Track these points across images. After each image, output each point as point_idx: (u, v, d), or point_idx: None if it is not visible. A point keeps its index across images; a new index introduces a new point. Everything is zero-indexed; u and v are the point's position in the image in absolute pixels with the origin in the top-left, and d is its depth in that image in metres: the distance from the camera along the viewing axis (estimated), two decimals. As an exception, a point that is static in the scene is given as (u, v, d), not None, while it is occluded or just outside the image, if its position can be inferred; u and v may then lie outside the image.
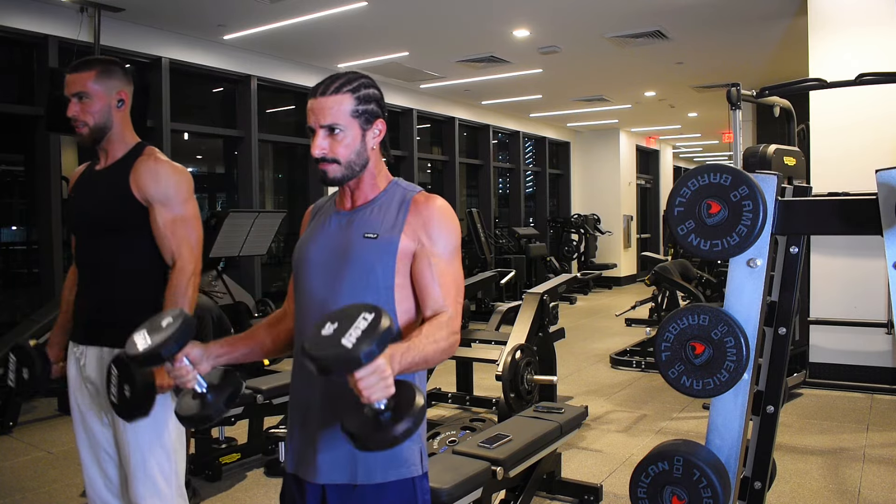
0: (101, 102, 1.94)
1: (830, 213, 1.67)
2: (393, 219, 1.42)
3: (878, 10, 5.14)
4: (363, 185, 1.47)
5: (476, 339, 4.76)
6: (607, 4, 5.74)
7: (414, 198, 1.45)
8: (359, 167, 1.43)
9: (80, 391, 2.00)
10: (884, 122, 5.07)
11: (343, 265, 1.41)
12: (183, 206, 1.97)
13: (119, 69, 2.00)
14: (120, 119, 1.99)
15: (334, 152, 1.40)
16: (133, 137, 2.04)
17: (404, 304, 1.42)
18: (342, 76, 1.42)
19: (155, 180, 1.94)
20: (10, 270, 5.98)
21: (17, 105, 5.52)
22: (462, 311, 1.44)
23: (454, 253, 1.44)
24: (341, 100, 1.39)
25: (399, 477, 1.38)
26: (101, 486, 2.00)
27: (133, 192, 1.93)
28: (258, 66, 7.09)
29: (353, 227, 1.44)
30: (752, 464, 1.89)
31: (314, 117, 1.39)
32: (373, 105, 1.43)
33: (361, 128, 1.42)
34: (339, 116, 1.38)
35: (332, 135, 1.39)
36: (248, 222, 5.55)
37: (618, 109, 11.07)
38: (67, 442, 4.20)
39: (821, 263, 5.32)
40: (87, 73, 1.94)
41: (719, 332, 1.59)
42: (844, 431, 4.21)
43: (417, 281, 1.41)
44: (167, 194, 1.94)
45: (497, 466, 2.54)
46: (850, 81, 3.87)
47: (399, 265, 1.40)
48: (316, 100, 1.40)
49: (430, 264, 1.40)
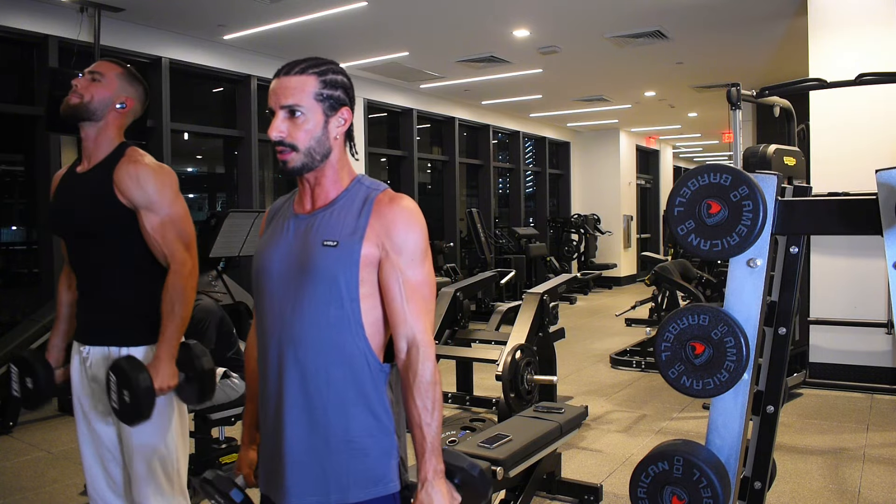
0: (107, 92, 1.94)
1: (830, 213, 1.67)
2: (354, 222, 1.32)
3: (878, 10, 5.14)
4: (325, 180, 1.37)
5: (476, 339, 4.77)
6: (607, 4, 5.74)
7: (377, 198, 1.34)
8: (319, 156, 1.33)
9: (85, 390, 2.00)
10: (884, 122, 5.07)
11: (303, 277, 1.31)
12: (170, 208, 1.93)
13: (141, 86, 2.03)
14: (114, 120, 1.97)
15: (293, 137, 1.31)
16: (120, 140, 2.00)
17: (371, 314, 1.33)
18: (309, 59, 1.35)
19: (137, 185, 1.90)
20: (10, 270, 5.98)
21: (17, 105, 5.52)
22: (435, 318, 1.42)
23: (422, 259, 1.33)
24: (305, 81, 1.31)
25: (376, 495, 1.32)
26: (104, 486, 2.00)
27: (118, 197, 1.91)
28: (258, 66, 7.09)
29: (312, 233, 1.33)
30: (752, 464, 1.89)
31: (274, 98, 1.32)
32: (339, 91, 1.35)
33: (325, 113, 1.33)
34: (302, 98, 1.30)
35: (292, 118, 1.31)
36: (248, 222, 5.54)
37: (618, 109, 11.07)
38: (67, 442, 4.20)
39: (821, 263, 5.32)
40: (115, 66, 1.99)
41: (719, 332, 1.59)
42: (844, 431, 4.21)
43: (384, 293, 1.32)
44: (151, 198, 1.91)
45: (497, 466, 2.54)
46: (850, 81, 3.87)
47: (363, 273, 1.31)
48: (279, 80, 1.33)
49: (398, 279, 1.30)
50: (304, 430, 1.32)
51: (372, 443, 1.33)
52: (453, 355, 4.64)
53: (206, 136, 7.42)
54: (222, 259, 5.70)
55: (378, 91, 8.62)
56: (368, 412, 1.33)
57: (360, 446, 1.32)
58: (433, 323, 1.36)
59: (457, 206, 10.08)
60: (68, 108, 1.92)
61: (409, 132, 9.28)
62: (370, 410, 1.33)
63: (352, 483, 1.31)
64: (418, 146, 9.48)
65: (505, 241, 10.84)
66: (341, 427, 1.31)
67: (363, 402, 1.33)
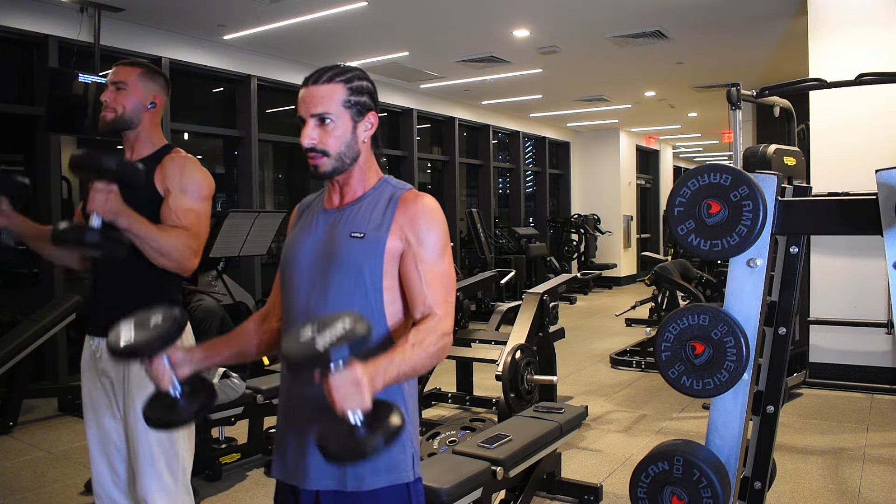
0: (135, 97, 2.00)
1: (830, 213, 1.67)
2: (380, 217, 1.38)
3: (878, 10, 5.14)
4: (352, 180, 1.43)
5: (476, 339, 4.76)
6: (607, 4, 5.74)
7: (402, 196, 1.41)
8: (349, 160, 1.40)
9: (94, 385, 2.01)
10: (884, 122, 5.07)
11: (330, 266, 1.37)
12: (199, 202, 2.00)
13: (161, 78, 2.08)
14: (148, 120, 2.04)
15: (324, 143, 1.36)
16: (161, 139, 2.08)
17: (394, 307, 1.39)
18: (335, 67, 1.40)
19: (181, 171, 1.98)
20: (10, 270, 5.98)
21: (17, 105, 5.52)
22: (454, 310, 1.41)
23: (442, 252, 1.40)
24: (333, 89, 1.37)
25: (391, 482, 1.35)
26: (109, 482, 2.01)
27: (155, 185, 1.96)
28: (258, 66, 7.09)
29: (340, 226, 1.40)
30: (752, 464, 1.89)
31: (304, 107, 1.37)
32: (365, 97, 1.41)
33: (353, 119, 1.39)
34: (331, 106, 1.36)
35: (322, 125, 1.36)
36: (248, 222, 5.55)
37: (618, 109, 11.07)
38: (67, 442, 4.20)
39: (821, 263, 5.32)
40: (133, 69, 2.02)
41: (719, 332, 1.60)
42: (844, 431, 4.21)
43: (405, 282, 1.37)
44: (188, 186, 1.98)
45: (497, 466, 2.54)
46: (850, 81, 3.87)
47: (387, 266, 1.36)
48: (307, 89, 1.38)
49: (417, 265, 1.36)
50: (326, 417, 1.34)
51: None
52: (453, 355, 4.64)
53: (206, 136, 7.42)
54: (222, 259, 5.71)
55: (378, 91, 8.56)
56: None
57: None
58: (453, 311, 1.39)
59: (457, 206, 10.08)
60: (106, 125, 1.99)
61: (409, 132, 9.28)
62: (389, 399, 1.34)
63: (367, 471, 1.34)
64: (418, 146, 9.48)
65: (505, 241, 10.84)
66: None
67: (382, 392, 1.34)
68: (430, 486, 2.21)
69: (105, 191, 1.75)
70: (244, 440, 3.84)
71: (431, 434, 3.63)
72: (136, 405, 1.92)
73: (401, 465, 1.37)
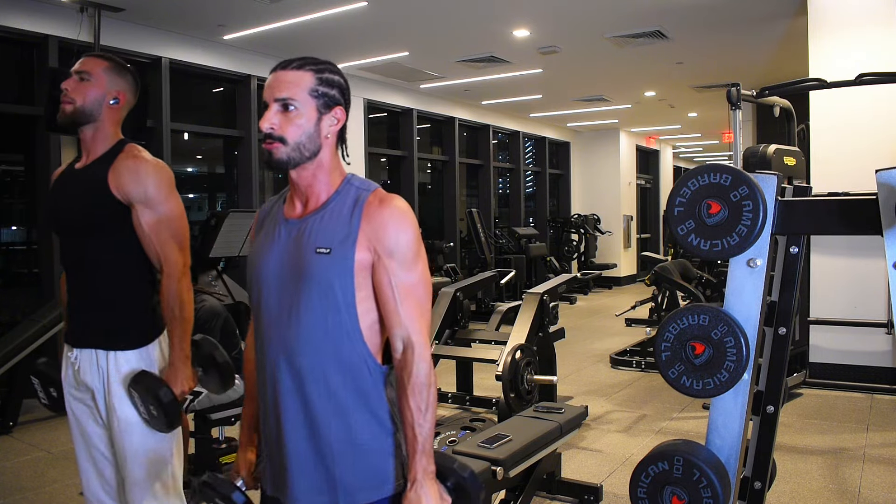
0: (97, 91, 1.91)
1: (830, 213, 1.67)
2: (346, 227, 1.30)
3: (878, 10, 5.14)
4: (316, 182, 1.36)
5: (476, 339, 4.76)
6: (607, 4, 5.74)
7: (367, 200, 1.32)
8: (308, 152, 1.32)
9: (74, 395, 1.98)
10: (884, 122, 5.07)
11: (299, 285, 1.30)
12: (165, 205, 1.90)
13: (130, 75, 1.99)
14: (109, 117, 1.94)
15: (283, 130, 1.30)
16: (118, 137, 1.98)
17: (368, 319, 1.33)
18: (307, 56, 1.36)
19: (135, 179, 1.88)
20: (10, 270, 5.98)
21: (17, 105, 5.51)
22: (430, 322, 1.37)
23: (415, 260, 1.32)
24: (301, 76, 1.32)
25: (383, 495, 1.33)
26: (98, 488, 1.99)
27: (112, 192, 1.88)
28: (258, 66, 7.08)
29: (305, 239, 1.32)
30: (752, 464, 1.89)
31: (269, 91, 1.32)
32: (335, 91, 1.35)
33: (318, 110, 1.33)
34: (296, 92, 1.31)
35: (285, 112, 1.31)
36: (248, 222, 5.54)
37: (618, 109, 11.06)
38: (67, 442, 4.20)
39: (821, 263, 5.32)
40: (101, 61, 1.94)
41: (719, 332, 1.59)
42: (844, 431, 4.21)
43: (379, 296, 1.32)
44: (147, 194, 1.88)
45: (497, 466, 2.54)
46: (850, 81, 3.88)
47: (358, 279, 1.30)
48: (275, 74, 1.34)
49: (391, 282, 1.30)
50: (306, 437, 1.32)
51: (376, 445, 1.33)
52: (453, 355, 4.64)
53: (206, 136, 7.41)
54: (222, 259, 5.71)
55: (378, 91, 8.62)
56: (370, 415, 1.33)
57: (365, 449, 1.32)
58: (429, 324, 1.35)
59: (457, 206, 10.08)
60: (65, 117, 1.90)
61: (409, 132, 9.28)
62: (371, 413, 1.33)
63: (359, 486, 1.32)
64: (418, 146, 9.48)
65: (505, 241, 10.84)
66: (344, 432, 1.31)
67: (364, 406, 1.32)
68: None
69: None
70: (244, 440, 3.84)
71: (431, 434, 3.62)
72: (118, 415, 1.89)
73: (392, 476, 1.34)
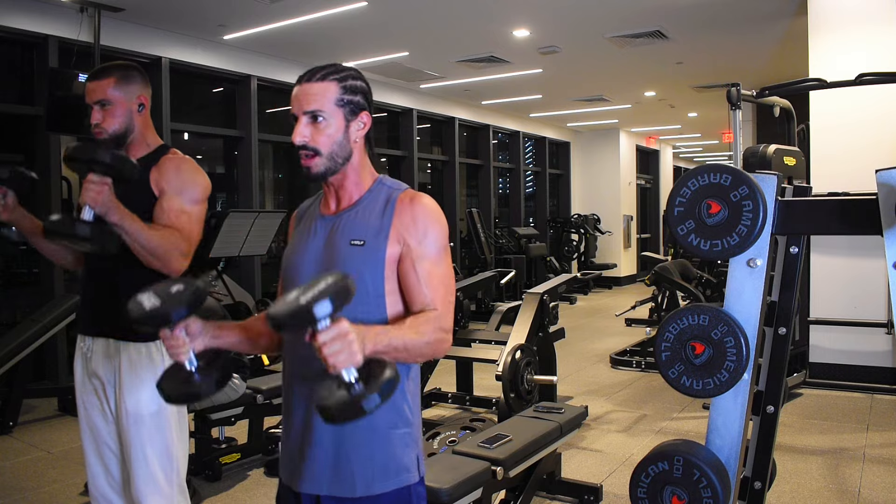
0: (122, 108, 1.96)
1: (830, 213, 1.67)
2: (378, 222, 1.38)
3: (878, 10, 5.14)
4: (347, 183, 1.43)
5: (476, 339, 4.77)
6: (607, 4, 5.74)
7: (399, 197, 1.40)
8: (341, 160, 1.39)
9: (85, 387, 2.00)
10: (884, 122, 5.07)
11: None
12: (193, 204, 1.97)
13: (137, 74, 2.02)
14: (141, 122, 2.01)
15: (316, 141, 1.36)
16: (156, 139, 2.06)
17: (394, 311, 1.38)
18: (330, 65, 1.40)
19: (177, 172, 1.96)
20: (10, 270, 5.98)
21: (17, 105, 5.52)
22: (454, 310, 1.40)
23: (441, 253, 1.39)
24: (326, 87, 1.37)
25: (399, 485, 1.35)
26: (104, 482, 2.01)
27: (151, 185, 1.94)
28: (258, 66, 7.09)
29: (339, 233, 1.39)
30: (752, 464, 1.89)
31: (297, 104, 1.37)
32: (359, 97, 1.40)
33: (346, 118, 1.38)
34: (324, 103, 1.36)
35: (314, 123, 1.36)
36: (248, 222, 5.55)
37: (618, 109, 11.07)
38: (67, 442, 4.20)
39: (821, 263, 5.32)
40: (106, 81, 1.95)
41: (719, 332, 1.60)
42: (844, 431, 4.21)
43: (404, 283, 1.37)
44: (183, 187, 1.95)
45: (497, 466, 2.54)
46: (850, 81, 3.87)
47: (388, 272, 1.36)
48: (301, 87, 1.38)
49: (415, 266, 1.35)
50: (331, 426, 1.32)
51: (395, 435, 1.36)
52: (453, 355, 4.64)
53: (206, 136, 7.42)
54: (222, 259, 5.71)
55: (378, 91, 8.62)
56: (391, 405, 1.34)
57: (385, 439, 1.35)
58: (452, 311, 1.38)
59: (457, 206, 10.08)
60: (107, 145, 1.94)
61: (409, 132, 9.28)
62: (393, 403, 1.34)
63: (377, 475, 1.34)
64: (418, 146, 9.48)
65: (505, 241, 10.84)
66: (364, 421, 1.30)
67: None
68: (430, 486, 2.21)
69: (98, 183, 1.73)
70: (244, 440, 3.84)
71: (431, 434, 3.63)
72: (127, 407, 1.91)
73: (409, 466, 1.37)
